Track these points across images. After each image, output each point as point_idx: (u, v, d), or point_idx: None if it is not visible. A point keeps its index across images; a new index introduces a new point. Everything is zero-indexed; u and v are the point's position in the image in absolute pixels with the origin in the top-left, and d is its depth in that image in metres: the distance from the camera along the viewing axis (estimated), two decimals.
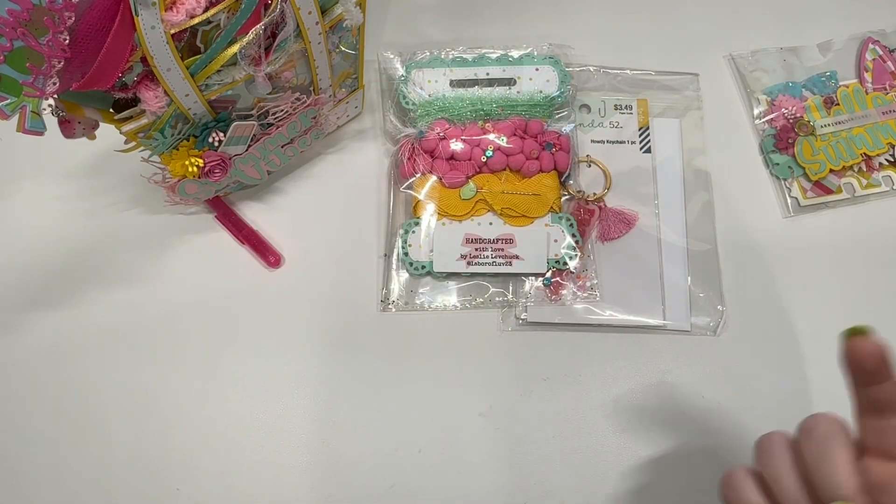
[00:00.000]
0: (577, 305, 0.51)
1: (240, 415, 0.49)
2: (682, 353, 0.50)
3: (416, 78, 0.55)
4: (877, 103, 0.56)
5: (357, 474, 0.47)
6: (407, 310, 0.51)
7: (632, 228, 0.53)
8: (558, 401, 0.49)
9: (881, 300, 0.52)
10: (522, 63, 0.55)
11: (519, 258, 0.51)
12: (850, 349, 0.30)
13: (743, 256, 0.53)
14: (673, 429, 0.49)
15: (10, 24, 0.31)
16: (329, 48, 0.45)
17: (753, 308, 0.51)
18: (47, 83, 0.34)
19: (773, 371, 0.50)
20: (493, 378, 0.50)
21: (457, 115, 0.54)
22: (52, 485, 0.47)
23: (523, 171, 0.53)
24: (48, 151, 0.54)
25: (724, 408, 0.49)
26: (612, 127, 0.56)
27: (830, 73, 0.57)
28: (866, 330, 0.29)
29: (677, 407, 0.49)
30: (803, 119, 0.56)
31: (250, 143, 0.47)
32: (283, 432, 0.48)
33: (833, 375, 0.50)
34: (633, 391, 0.49)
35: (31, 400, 0.49)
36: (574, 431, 0.48)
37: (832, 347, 0.50)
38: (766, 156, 0.56)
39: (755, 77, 0.58)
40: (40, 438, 0.48)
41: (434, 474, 0.47)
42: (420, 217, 0.52)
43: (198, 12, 0.37)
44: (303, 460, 0.48)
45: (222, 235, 0.53)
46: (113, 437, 0.48)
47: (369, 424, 0.48)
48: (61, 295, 0.51)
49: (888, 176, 0.55)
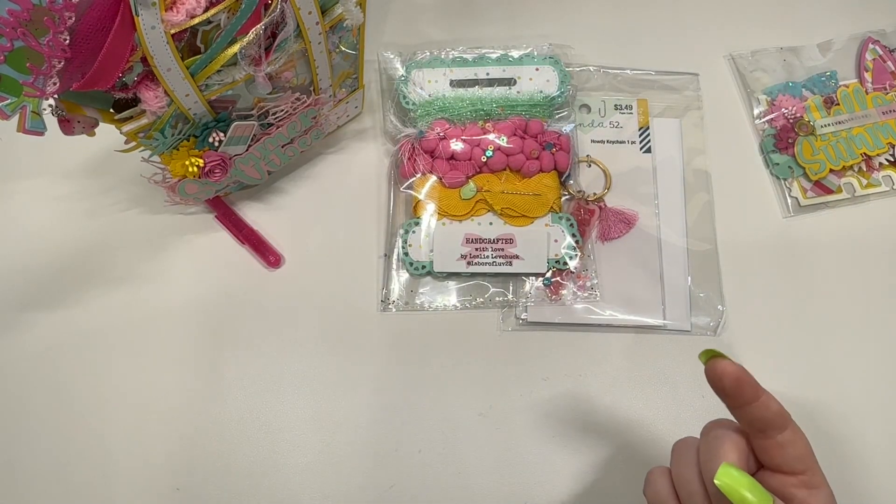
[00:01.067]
0: (577, 305, 0.51)
1: (240, 415, 0.49)
2: (682, 353, 0.50)
3: (416, 78, 0.55)
4: (877, 103, 0.56)
5: (357, 474, 0.47)
6: (407, 310, 0.51)
7: (632, 228, 0.53)
8: (558, 401, 0.49)
9: (881, 300, 0.52)
10: (522, 63, 0.55)
11: (519, 258, 0.51)
12: (707, 371, 0.32)
13: (743, 256, 0.53)
14: (673, 429, 0.49)
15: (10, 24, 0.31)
16: (329, 48, 0.45)
17: (753, 308, 0.51)
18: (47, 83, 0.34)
19: (773, 371, 0.50)
20: (493, 378, 0.50)
21: (457, 115, 0.54)
22: (52, 485, 0.47)
23: (523, 171, 0.53)
24: (48, 151, 0.54)
25: (724, 408, 0.49)
26: (612, 127, 0.56)
27: (830, 73, 0.57)
28: (719, 354, 0.32)
29: (677, 407, 0.49)
30: (803, 119, 0.56)
31: (250, 143, 0.47)
32: (284, 432, 0.48)
33: (833, 375, 0.50)
34: (633, 391, 0.49)
35: (31, 400, 0.49)
36: (574, 431, 0.48)
37: (832, 347, 0.51)
38: (766, 156, 0.56)
39: (755, 77, 0.58)
40: (40, 438, 0.48)
41: (434, 474, 0.47)
42: (420, 217, 0.52)
43: (198, 12, 0.37)
44: (303, 460, 0.48)
45: (222, 235, 0.53)
46: (113, 436, 0.48)
47: (369, 424, 0.48)
48: (61, 295, 0.51)
49: (888, 176, 0.55)
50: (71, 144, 0.43)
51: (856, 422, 0.48)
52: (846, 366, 0.50)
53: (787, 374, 0.50)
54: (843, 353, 0.50)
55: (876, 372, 0.50)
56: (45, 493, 0.47)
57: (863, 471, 0.48)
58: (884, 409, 0.49)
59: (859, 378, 0.50)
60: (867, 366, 0.50)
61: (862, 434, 0.48)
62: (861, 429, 0.48)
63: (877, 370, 0.50)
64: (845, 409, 0.49)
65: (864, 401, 0.49)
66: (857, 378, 0.50)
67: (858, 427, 0.48)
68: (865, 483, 0.47)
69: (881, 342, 0.51)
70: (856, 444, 0.48)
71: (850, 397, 0.49)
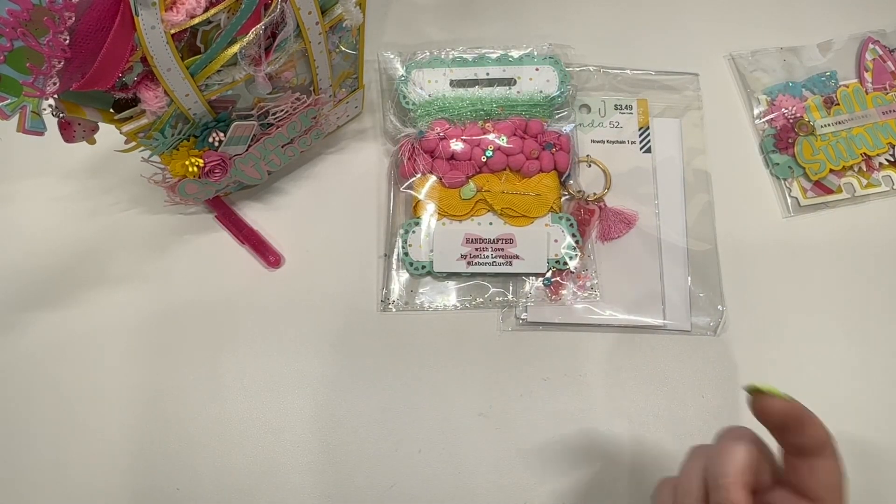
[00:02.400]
0: (577, 305, 0.51)
1: (240, 415, 0.49)
2: (682, 353, 0.50)
3: (416, 78, 0.55)
4: (877, 103, 0.56)
5: (357, 474, 0.47)
6: (407, 310, 0.51)
7: (632, 228, 0.53)
8: (558, 401, 0.49)
9: (881, 300, 0.52)
10: (522, 63, 0.55)
11: (519, 258, 0.51)
12: (757, 409, 0.30)
13: (743, 256, 0.53)
14: (673, 429, 0.49)
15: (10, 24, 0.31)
16: (329, 48, 0.45)
17: (753, 308, 0.51)
18: (47, 83, 0.34)
19: (773, 371, 0.50)
20: (493, 378, 0.50)
21: (457, 115, 0.54)
22: (52, 485, 0.47)
23: (523, 171, 0.53)
24: (48, 151, 0.54)
25: (724, 408, 0.49)
26: (612, 127, 0.56)
27: (830, 73, 0.57)
28: (765, 389, 0.29)
29: (677, 407, 0.49)
30: (803, 119, 0.56)
31: (250, 143, 0.47)
32: (283, 432, 0.48)
33: (833, 375, 0.50)
34: (633, 391, 0.49)
35: (31, 400, 0.49)
36: (574, 431, 0.48)
37: (832, 347, 0.51)
38: (766, 156, 0.56)
39: (755, 77, 0.58)
40: (40, 438, 0.48)
41: (434, 474, 0.47)
42: (420, 217, 0.52)
43: (198, 12, 0.37)
44: (303, 460, 0.48)
45: (222, 235, 0.53)
46: (113, 436, 0.48)
47: (369, 424, 0.48)
48: (61, 295, 0.51)
49: (888, 176, 0.55)
50: (71, 145, 0.43)
51: (856, 421, 0.48)
52: (846, 365, 0.50)
53: (787, 374, 0.50)
54: (843, 353, 0.50)
55: (876, 372, 0.50)
56: (44, 493, 0.47)
57: (863, 470, 0.48)
58: (884, 408, 0.49)
59: (859, 378, 0.50)
60: (867, 365, 0.50)
61: (862, 433, 0.48)
62: (861, 428, 0.48)
63: (877, 370, 0.50)
64: (845, 408, 0.49)
65: (864, 400, 0.49)
66: (857, 378, 0.50)
67: (858, 427, 0.48)
68: (866, 482, 0.47)
69: (881, 342, 0.51)
70: (856, 443, 0.48)
71: (851, 397, 0.49)
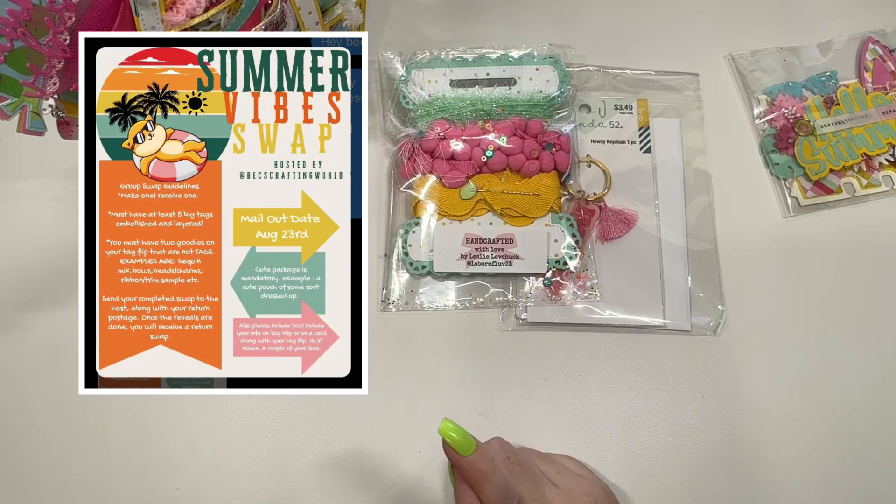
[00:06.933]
0: (577, 305, 0.51)
1: (239, 414, 0.49)
2: (682, 353, 0.50)
3: (416, 78, 0.55)
4: (877, 103, 0.56)
5: (357, 474, 0.47)
6: (407, 310, 0.51)
7: (632, 228, 0.53)
8: (558, 401, 0.49)
9: (881, 300, 0.52)
10: (522, 63, 0.55)
11: (519, 258, 0.51)
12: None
13: (743, 256, 0.53)
14: (673, 429, 0.49)
15: (10, 24, 0.31)
16: None
17: (753, 308, 0.51)
18: (47, 83, 0.34)
19: (773, 371, 0.50)
20: (493, 378, 0.50)
21: (457, 115, 0.54)
22: (52, 484, 0.47)
23: (523, 171, 0.53)
24: (48, 151, 0.54)
25: (724, 408, 0.49)
26: (612, 127, 0.56)
27: (830, 73, 0.57)
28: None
29: (677, 407, 0.49)
30: (803, 119, 0.56)
31: None
32: (283, 432, 0.48)
33: (833, 375, 0.50)
34: (633, 391, 0.50)
35: (31, 400, 0.49)
36: (574, 431, 0.48)
37: (832, 347, 0.51)
38: (766, 156, 0.56)
39: (755, 77, 0.58)
40: (40, 438, 0.48)
41: (434, 474, 0.47)
42: (420, 217, 0.52)
43: (198, 12, 0.37)
44: (303, 460, 0.48)
45: None
46: (113, 436, 0.48)
47: (369, 424, 0.48)
48: (61, 295, 0.51)
49: (888, 176, 0.55)
50: (71, 144, 0.43)
51: (856, 421, 0.49)
52: (846, 366, 0.50)
53: (787, 374, 0.50)
54: (843, 353, 0.50)
55: (876, 372, 0.50)
56: (45, 493, 0.47)
57: (864, 470, 0.48)
58: (884, 408, 0.49)
59: (859, 378, 0.50)
60: (867, 366, 0.50)
61: (862, 433, 0.48)
62: (861, 428, 0.48)
63: (877, 370, 0.50)
64: (846, 408, 0.49)
65: (864, 400, 0.49)
66: (857, 378, 0.50)
67: (859, 426, 0.48)
68: (867, 481, 0.47)
69: (881, 342, 0.51)
70: (856, 443, 0.48)
71: (851, 397, 0.49)
